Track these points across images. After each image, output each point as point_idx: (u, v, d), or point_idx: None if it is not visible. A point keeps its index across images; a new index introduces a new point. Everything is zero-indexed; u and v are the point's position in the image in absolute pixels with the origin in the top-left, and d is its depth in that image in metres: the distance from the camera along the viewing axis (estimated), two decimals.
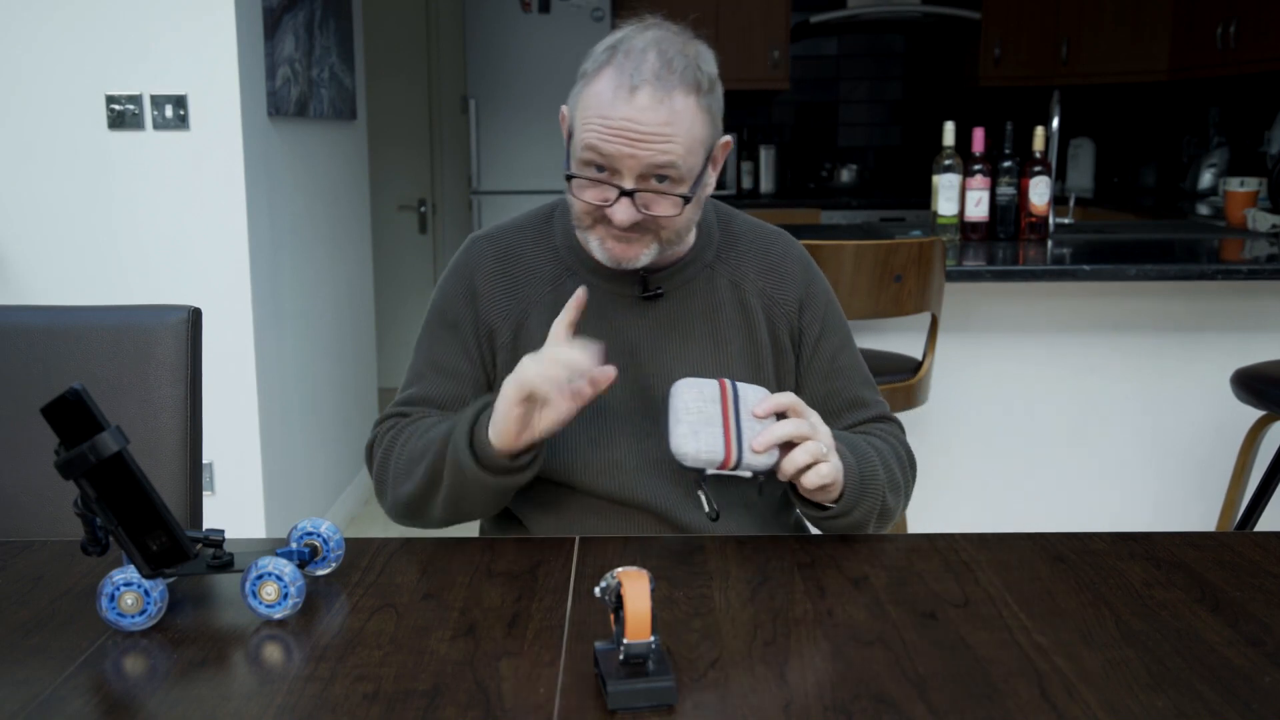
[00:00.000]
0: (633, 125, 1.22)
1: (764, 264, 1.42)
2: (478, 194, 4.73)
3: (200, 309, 1.51)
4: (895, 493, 1.34)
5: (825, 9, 5.24)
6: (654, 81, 1.22)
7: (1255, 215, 3.44)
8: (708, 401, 1.19)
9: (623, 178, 1.24)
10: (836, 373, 1.42)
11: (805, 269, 1.44)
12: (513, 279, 1.39)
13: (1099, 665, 0.94)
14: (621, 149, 1.22)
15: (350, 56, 3.74)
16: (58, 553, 1.21)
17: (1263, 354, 2.94)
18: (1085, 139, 5.39)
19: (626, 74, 1.23)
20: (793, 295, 1.41)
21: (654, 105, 1.22)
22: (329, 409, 3.57)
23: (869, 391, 1.45)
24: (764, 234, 1.45)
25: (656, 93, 1.22)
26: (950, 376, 2.96)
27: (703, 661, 0.95)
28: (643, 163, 1.23)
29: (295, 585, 1.03)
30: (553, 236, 1.41)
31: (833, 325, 1.44)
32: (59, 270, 2.82)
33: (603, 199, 1.26)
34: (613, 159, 1.23)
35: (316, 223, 3.44)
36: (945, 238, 3.06)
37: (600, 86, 1.25)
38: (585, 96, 1.26)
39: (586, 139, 1.24)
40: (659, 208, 1.26)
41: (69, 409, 0.95)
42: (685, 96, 1.24)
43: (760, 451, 1.18)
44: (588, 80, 1.27)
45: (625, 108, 1.22)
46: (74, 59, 2.73)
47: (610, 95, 1.23)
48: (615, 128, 1.22)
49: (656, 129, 1.22)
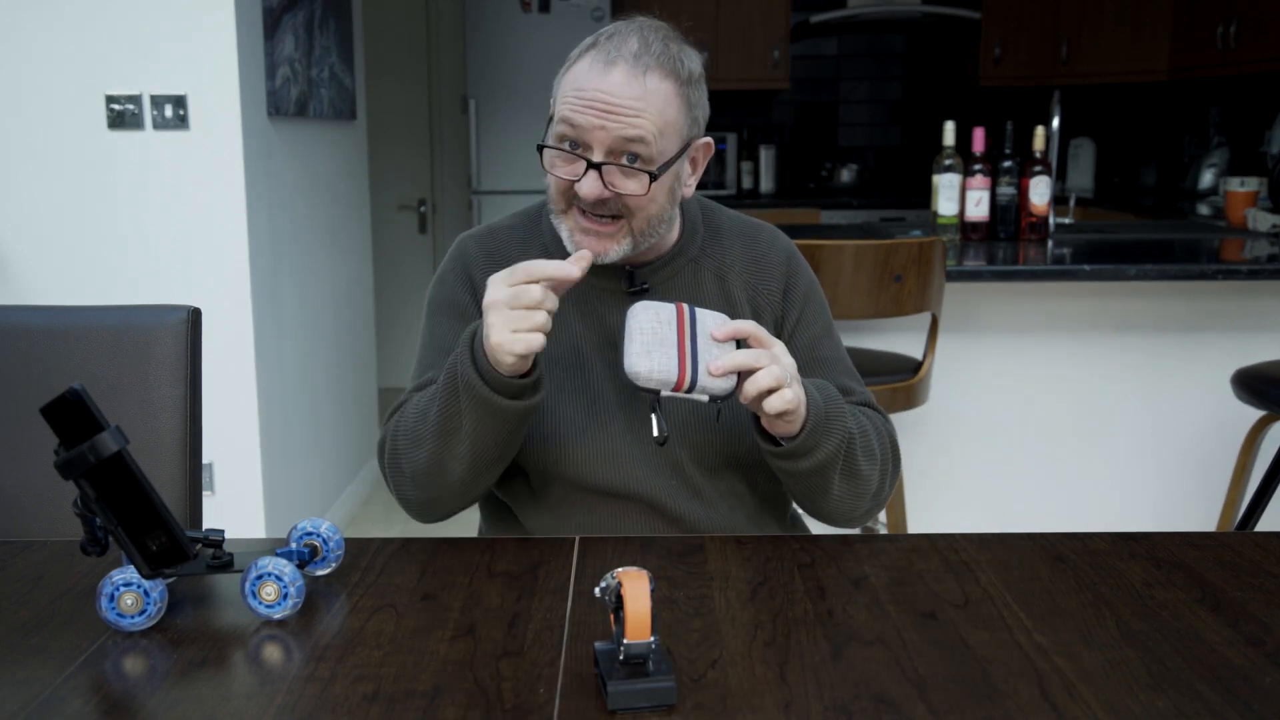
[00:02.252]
0: (604, 97, 1.23)
1: (748, 256, 1.42)
2: (478, 194, 4.73)
3: (200, 309, 1.51)
4: (870, 460, 1.32)
5: (825, 9, 5.24)
6: (630, 59, 1.24)
7: (1255, 215, 3.44)
8: (663, 323, 1.19)
9: (592, 151, 1.25)
10: (816, 362, 1.41)
11: (789, 260, 1.44)
12: None
13: (1099, 665, 0.94)
14: (591, 119, 1.24)
15: (350, 56, 3.74)
16: (58, 553, 1.21)
17: (1263, 354, 2.94)
18: (1085, 139, 5.40)
19: (605, 52, 1.26)
20: (776, 286, 1.42)
21: (627, 81, 1.24)
22: (329, 409, 3.57)
23: (853, 382, 1.43)
24: (748, 227, 1.46)
25: (632, 69, 1.24)
26: (950, 376, 2.96)
27: (703, 661, 0.95)
28: (611, 134, 1.24)
29: (295, 585, 1.03)
30: (541, 234, 1.42)
31: (812, 315, 1.43)
32: (59, 270, 2.82)
33: (572, 174, 1.27)
34: (582, 130, 1.25)
35: (316, 223, 3.44)
36: (945, 238, 3.06)
37: (579, 66, 1.27)
38: (565, 78, 1.29)
39: (560, 112, 1.26)
40: (625, 185, 1.26)
41: (69, 409, 0.95)
42: (662, 80, 1.25)
43: (717, 375, 1.17)
44: (569, 64, 1.29)
45: (599, 80, 1.24)
46: (74, 59, 2.73)
47: (586, 70, 1.25)
48: (587, 99, 1.24)
49: (627, 102, 1.23)
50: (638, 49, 1.25)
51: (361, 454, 3.97)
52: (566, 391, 1.35)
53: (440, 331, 1.40)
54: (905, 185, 5.62)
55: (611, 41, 1.26)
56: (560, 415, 1.35)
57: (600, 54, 1.26)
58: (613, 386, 1.35)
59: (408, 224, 5.53)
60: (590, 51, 1.27)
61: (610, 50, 1.25)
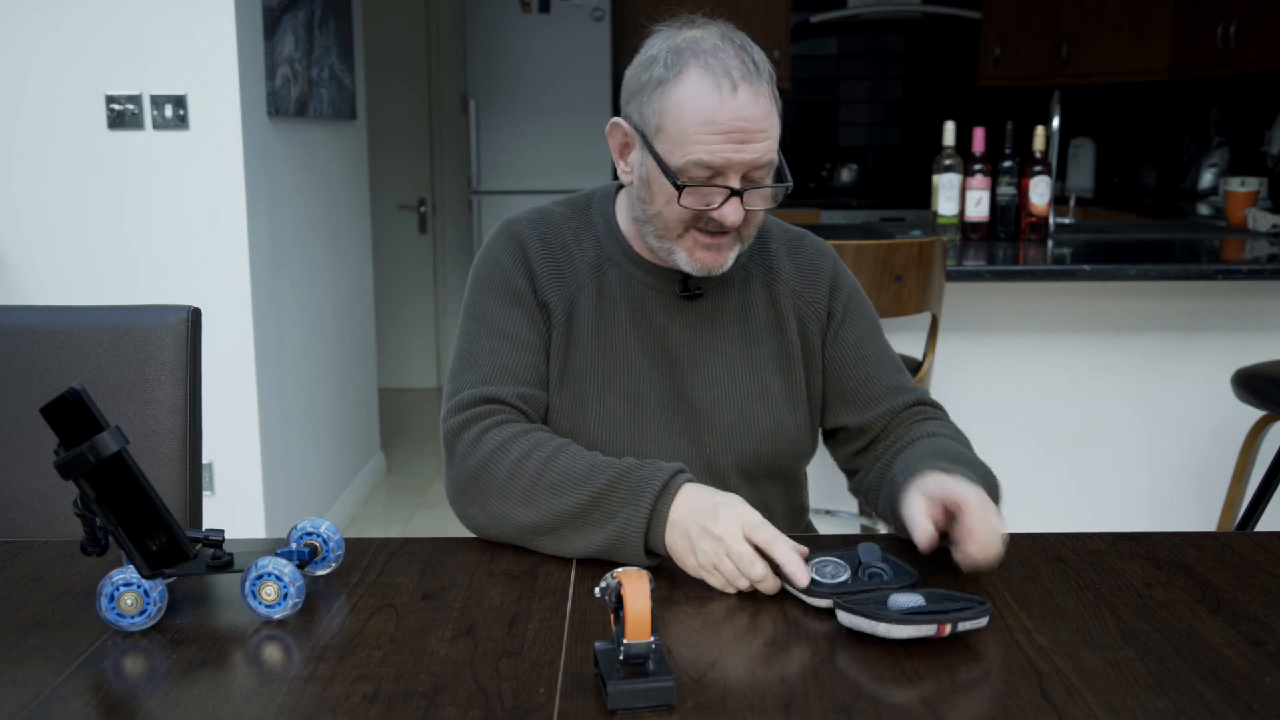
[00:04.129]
0: (740, 125, 1.20)
1: (795, 264, 1.41)
2: (478, 194, 4.73)
3: (200, 309, 1.51)
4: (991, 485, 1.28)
5: (825, 9, 5.24)
6: (746, 77, 1.21)
7: (1255, 215, 3.44)
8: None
9: (728, 178, 1.23)
10: (864, 360, 1.40)
11: (833, 266, 1.43)
12: (558, 262, 1.35)
13: (1099, 665, 0.94)
14: (730, 154, 1.21)
15: (350, 56, 3.74)
16: (57, 553, 1.21)
17: (1263, 354, 2.94)
18: (1085, 139, 5.39)
19: (718, 73, 1.20)
20: (822, 294, 1.40)
21: (754, 102, 1.21)
22: (329, 409, 3.57)
23: (903, 377, 1.42)
24: (792, 235, 1.45)
25: (752, 88, 1.21)
26: (950, 376, 2.96)
27: (703, 661, 0.95)
28: (749, 161, 1.22)
29: (295, 585, 1.03)
30: (593, 226, 1.38)
31: (856, 314, 1.42)
32: (59, 270, 2.82)
33: (707, 203, 1.24)
34: (723, 167, 1.22)
35: (316, 223, 3.44)
36: (945, 238, 3.06)
37: (693, 92, 1.20)
38: (674, 105, 1.22)
39: (692, 153, 1.21)
40: (759, 203, 1.26)
41: (69, 409, 0.95)
42: (768, 86, 1.23)
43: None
44: (667, 88, 1.22)
45: (731, 107, 1.20)
46: (74, 59, 2.73)
47: (712, 99, 1.20)
48: (724, 130, 1.20)
49: (759, 124, 1.21)
50: (744, 66, 1.21)
51: (362, 454, 3.97)
52: (611, 392, 1.33)
53: (496, 314, 1.32)
54: (905, 185, 5.62)
55: (716, 59, 1.21)
56: (604, 416, 1.32)
57: (714, 76, 1.20)
58: (655, 389, 1.33)
59: (408, 224, 5.53)
60: (695, 72, 1.21)
61: (721, 69, 1.20)
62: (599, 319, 1.34)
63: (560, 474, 1.18)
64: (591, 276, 1.35)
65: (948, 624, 0.97)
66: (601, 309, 1.34)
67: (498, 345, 1.31)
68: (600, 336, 1.33)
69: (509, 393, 1.28)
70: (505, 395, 1.28)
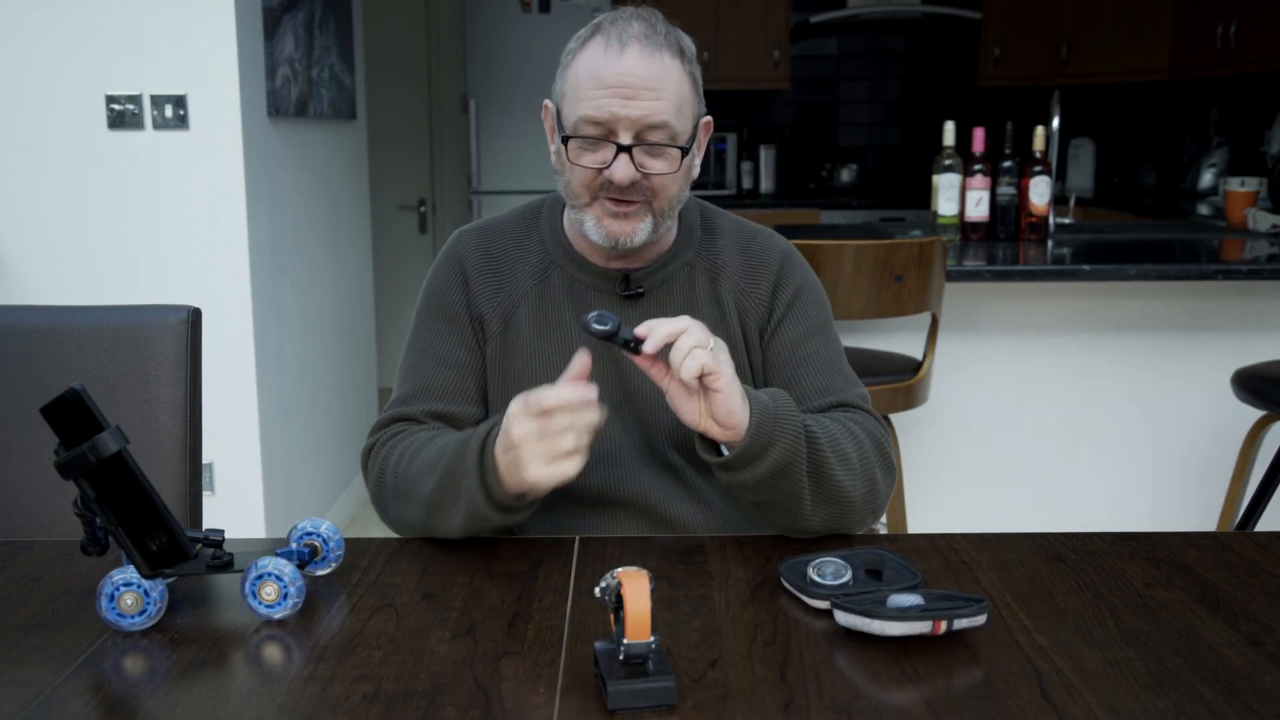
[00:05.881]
0: (625, 79, 1.24)
1: (742, 259, 1.41)
2: (478, 194, 4.73)
3: (200, 309, 1.51)
4: (848, 468, 1.24)
5: (825, 9, 5.24)
6: (641, 40, 1.25)
7: (1255, 215, 3.44)
8: None
9: (618, 136, 1.26)
10: (797, 360, 1.37)
11: (783, 262, 1.41)
12: (499, 272, 1.39)
13: (1099, 665, 0.94)
14: (615, 108, 1.24)
15: (350, 56, 3.74)
16: (57, 553, 1.21)
17: (1263, 354, 2.94)
18: (1085, 139, 5.40)
19: (613, 37, 1.26)
20: (765, 287, 1.40)
21: (643, 60, 1.24)
22: (329, 409, 3.57)
23: (839, 379, 1.38)
24: (747, 230, 1.45)
25: (645, 49, 1.25)
26: (950, 376, 2.96)
27: (703, 661, 0.95)
28: (638, 115, 1.24)
29: (295, 585, 1.03)
30: (539, 231, 1.42)
31: (799, 314, 1.39)
32: (59, 270, 2.82)
33: (600, 161, 1.27)
34: (609, 121, 1.25)
35: (316, 223, 3.44)
36: (945, 238, 3.06)
37: (589, 54, 1.27)
38: (573, 69, 1.29)
39: (581, 109, 1.26)
40: (656, 165, 1.27)
41: (69, 409, 0.95)
42: (672, 58, 1.26)
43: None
44: (573, 56, 1.29)
45: (616, 64, 1.24)
46: (74, 59, 2.73)
47: (600, 57, 1.26)
48: (608, 84, 1.24)
49: (648, 82, 1.24)
50: (644, 30, 1.26)
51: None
52: None
53: (429, 335, 1.39)
54: (905, 185, 5.62)
55: (615, 26, 1.27)
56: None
57: (607, 39, 1.26)
58: (601, 388, 1.33)
59: (408, 224, 5.53)
60: (595, 39, 1.28)
61: (617, 34, 1.26)
62: (542, 322, 1.37)
63: (421, 468, 1.25)
64: (533, 282, 1.39)
65: (943, 621, 0.97)
66: (545, 312, 1.37)
67: (424, 365, 1.38)
68: (544, 339, 1.36)
69: (420, 410, 1.35)
70: (415, 413, 1.35)
